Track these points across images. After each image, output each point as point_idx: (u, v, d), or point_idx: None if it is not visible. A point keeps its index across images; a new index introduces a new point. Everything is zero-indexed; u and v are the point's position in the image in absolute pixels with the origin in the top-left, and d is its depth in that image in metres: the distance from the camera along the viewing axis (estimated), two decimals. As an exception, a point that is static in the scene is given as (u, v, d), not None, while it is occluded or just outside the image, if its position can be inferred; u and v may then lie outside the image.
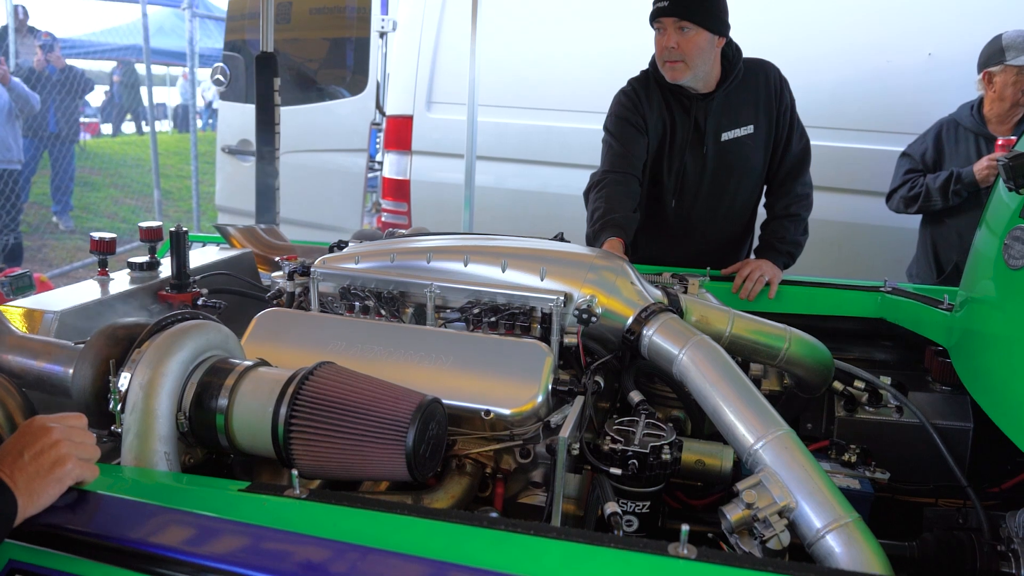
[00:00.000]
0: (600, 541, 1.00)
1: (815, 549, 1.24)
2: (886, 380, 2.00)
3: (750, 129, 2.62)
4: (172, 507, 1.08)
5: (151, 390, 1.27)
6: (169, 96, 17.13)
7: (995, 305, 1.81)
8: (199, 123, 13.16)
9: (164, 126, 16.13)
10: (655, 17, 2.50)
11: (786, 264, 2.63)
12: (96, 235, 2.00)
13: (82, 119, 9.72)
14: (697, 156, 2.63)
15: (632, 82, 2.70)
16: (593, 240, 2.46)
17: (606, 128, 2.69)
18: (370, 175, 5.01)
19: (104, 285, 1.94)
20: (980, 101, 3.23)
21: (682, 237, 2.76)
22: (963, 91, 3.30)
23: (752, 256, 2.76)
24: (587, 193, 2.67)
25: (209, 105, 15.89)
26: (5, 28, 7.67)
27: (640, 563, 0.96)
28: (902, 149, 3.38)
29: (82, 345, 1.43)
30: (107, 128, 14.96)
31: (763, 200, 2.84)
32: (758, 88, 2.62)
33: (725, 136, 2.61)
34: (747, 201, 2.77)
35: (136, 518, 1.06)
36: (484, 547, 0.99)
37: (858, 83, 3.59)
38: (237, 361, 1.38)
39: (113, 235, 2.02)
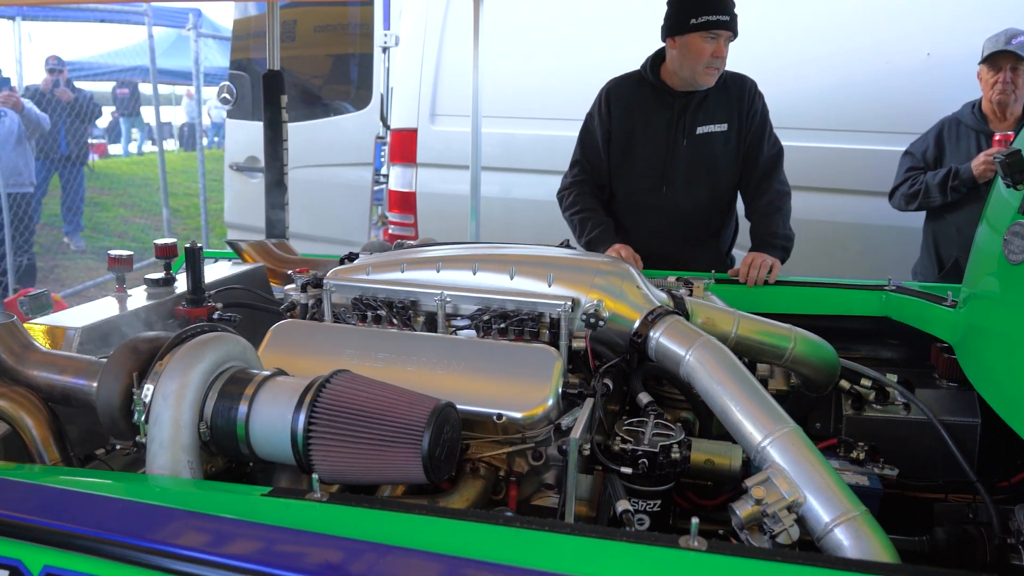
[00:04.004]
0: (612, 536, 1.03)
1: (824, 543, 1.27)
2: (892, 378, 2.02)
3: (724, 127, 2.86)
4: (198, 511, 1.11)
5: (174, 401, 1.31)
6: (174, 115, 17.28)
7: (997, 301, 1.83)
8: (205, 141, 13.26)
9: (170, 145, 16.27)
10: (712, 27, 2.70)
11: (783, 258, 2.74)
12: (113, 253, 2.05)
13: (90, 140, 9.83)
14: (678, 146, 2.87)
15: (617, 81, 2.98)
16: (594, 248, 2.73)
17: (584, 128, 3.04)
18: (376, 188, 5.06)
19: (122, 301, 1.98)
20: (982, 99, 3.28)
21: (667, 223, 2.94)
22: (963, 90, 3.34)
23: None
24: (561, 193, 3.06)
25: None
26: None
27: (652, 556, 0.99)
28: (903, 149, 3.41)
29: (105, 359, 1.47)
30: (115, 148, 15.11)
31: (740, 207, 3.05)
32: (731, 97, 2.88)
33: (700, 130, 2.86)
34: (725, 190, 2.97)
35: (163, 523, 1.10)
36: (501, 543, 1.02)
37: (857, 84, 3.62)
38: (255, 371, 1.42)
39: (130, 252, 2.06)
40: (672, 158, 2.87)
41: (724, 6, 2.73)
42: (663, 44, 2.85)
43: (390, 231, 4.56)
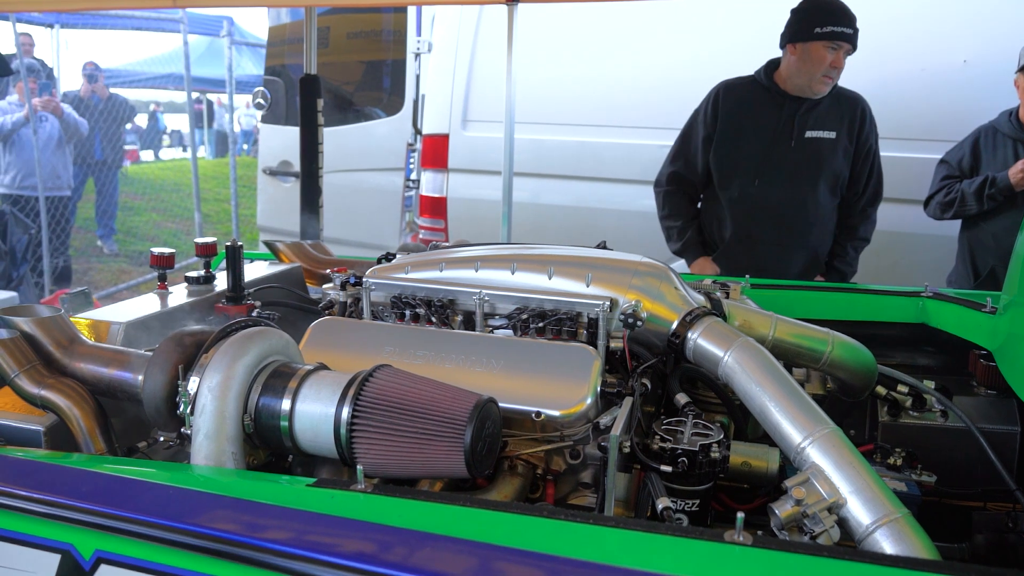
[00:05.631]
0: (657, 529, 1.03)
1: (865, 545, 1.25)
2: (929, 384, 2.00)
3: (832, 135, 2.99)
4: (245, 499, 1.13)
5: (219, 392, 1.33)
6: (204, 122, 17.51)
7: (1039, 306, 1.81)
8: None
9: (200, 151, 16.52)
10: (835, 38, 2.85)
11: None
12: (156, 250, 2.08)
13: (124, 146, 10.01)
14: (785, 147, 3.01)
15: (730, 83, 3.11)
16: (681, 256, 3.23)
17: (689, 122, 3.22)
18: (406, 194, 5.11)
19: (164, 298, 2.02)
20: (1019, 107, 3.24)
21: (767, 220, 3.07)
22: (1000, 98, 3.30)
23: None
24: (657, 183, 3.29)
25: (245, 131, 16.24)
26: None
27: (697, 549, 0.99)
28: (939, 157, 3.38)
29: (150, 352, 1.50)
30: (147, 155, 15.37)
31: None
32: (843, 109, 3.03)
33: (809, 134, 2.99)
34: (826, 196, 3.07)
35: (210, 509, 1.12)
36: (545, 534, 1.03)
37: (893, 91, 3.60)
38: (298, 365, 1.44)
39: (172, 250, 2.10)
40: (778, 157, 3.00)
41: (849, 19, 2.87)
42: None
43: (420, 236, 4.60)
